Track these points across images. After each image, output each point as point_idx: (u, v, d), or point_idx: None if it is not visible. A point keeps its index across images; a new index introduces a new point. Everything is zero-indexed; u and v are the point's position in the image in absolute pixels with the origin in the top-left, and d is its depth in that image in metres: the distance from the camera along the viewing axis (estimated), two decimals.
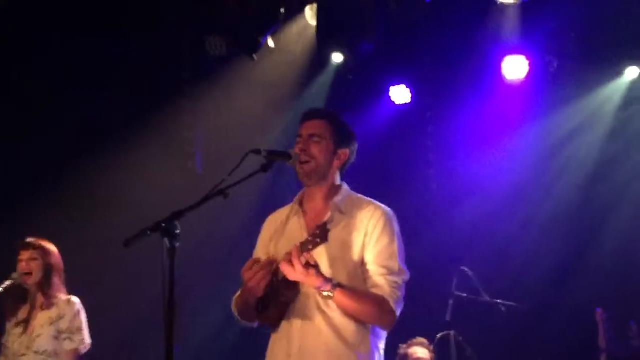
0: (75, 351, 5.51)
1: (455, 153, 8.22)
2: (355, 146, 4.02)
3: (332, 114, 4.01)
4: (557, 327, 7.53)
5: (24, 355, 5.45)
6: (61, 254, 5.75)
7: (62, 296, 5.62)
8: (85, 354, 5.59)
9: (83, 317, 5.60)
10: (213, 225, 7.50)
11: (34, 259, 5.59)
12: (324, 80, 8.19)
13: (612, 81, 7.89)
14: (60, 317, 5.52)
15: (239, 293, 3.93)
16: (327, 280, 3.59)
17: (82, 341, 5.53)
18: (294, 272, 3.53)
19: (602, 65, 7.70)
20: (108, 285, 7.44)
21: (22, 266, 5.57)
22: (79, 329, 5.55)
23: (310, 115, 3.96)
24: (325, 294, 3.60)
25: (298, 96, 7.99)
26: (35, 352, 5.44)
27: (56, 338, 5.49)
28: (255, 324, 3.92)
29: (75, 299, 5.63)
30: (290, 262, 3.52)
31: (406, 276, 3.78)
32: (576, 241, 7.86)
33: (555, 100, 7.93)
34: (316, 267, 3.56)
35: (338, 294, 3.60)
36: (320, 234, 3.50)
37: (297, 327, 3.71)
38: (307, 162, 3.82)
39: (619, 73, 7.84)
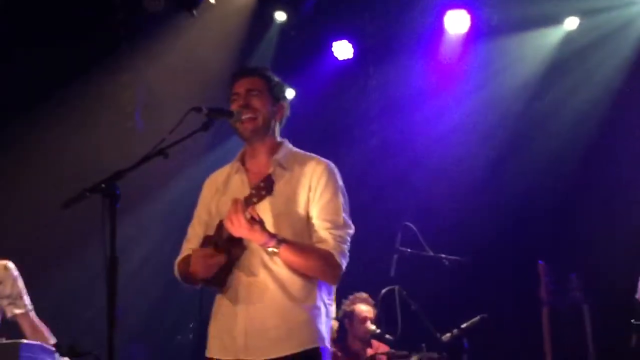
0: (27, 314, 5.37)
1: (398, 108, 8.22)
2: (289, 99, 4.01)
3: (263, 68, 3.98)
4: (500, 280, 7.63)
5: None
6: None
7: None
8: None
9: (21, 282, 5.49)
10: (154, 187, 7.45)
11: None
12: (268, 38, 8.13)
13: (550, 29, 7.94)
14: None
15: (181, 256, 3.90)
16: (272, 235, 3.57)
17: (25, 306, 5.39)
18: (238, 228, 3.50)
19: (542, 17, 7.75)
20: (47, 249, 7.36)
21: None
22: (20, 295, 5.43)
23: (241, 73, 3.93)
24: (270, 249, 3.59)
25: (241, 54, 7.90)
26: None
27: (9, 304, 5.39)
28: (199, 285, 3.88)
29: (11, 264, 5.50)
30: (235, 218, 3.49)
31: (351, 230, 3.78)
32: (518, 194, 7.94)
33: (495, 53, 7.97)
34: (261, 222, 3.53)
35: (283, 249, 3.59)
36: (265, 187, 3.47)
37: (243, 284, 3.70)
38: (252, 118, 3.77)
39: (557, 23, 7.89)
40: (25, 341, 4.68)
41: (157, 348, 8.17)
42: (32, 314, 5.43)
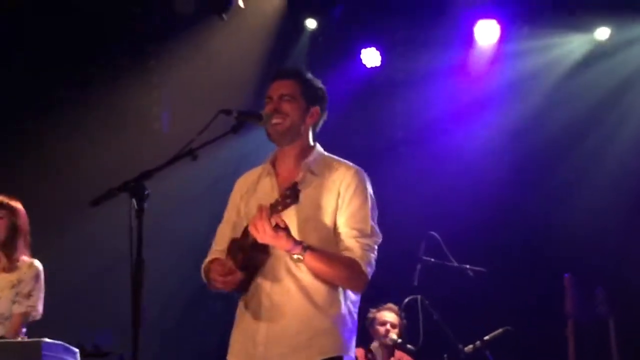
0: (22, 315, 5.38)
1: (425, 117, 8.19)
2: (326, 104, 3.97)
3: (301, 72, 3.94)
4: (525, 292, 7.58)
5: None
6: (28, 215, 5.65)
7: (25, 259, 5.52)
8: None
9: (40, 282, 5.47)
10: (184, 186, 7.46)
11: (0, 217, 5.49)
12: (299, 45, 8.14)
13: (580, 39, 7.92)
14: (20, 281, 5.41)
15: (209, 258, 3.88)
16: (297, 242, 3.53)
17: (30, 307, 5.39)
18: (263, 235, 3.47)
19: (572, 29, 7.72)
20: (74, 248, 7.39)
21: None
22: (30, 294, 5.41)
23: (279, 75, 3.90)
24: (295, 257, 3.54)
25: (270, 60, 7.91)
26: None
27: (13, 302, 5.40)
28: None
29: (37, 263, 5.52)
30: (260, 225, 3.46)
31: (379, 238, 3.73)
32: (544, 206, 7.89)
33: (525, 64, 7.93)
34: (286, 229, 3.49)
35: (308, 257, 3.54)
36: (290, 195, 3.43)
37: (266, 289, 3.66)
38: (279, 122, 3.75)
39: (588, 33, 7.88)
40: (47, 340, 4.69)
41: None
42: (24, 318, 5.40)
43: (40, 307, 5.45)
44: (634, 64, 7.86)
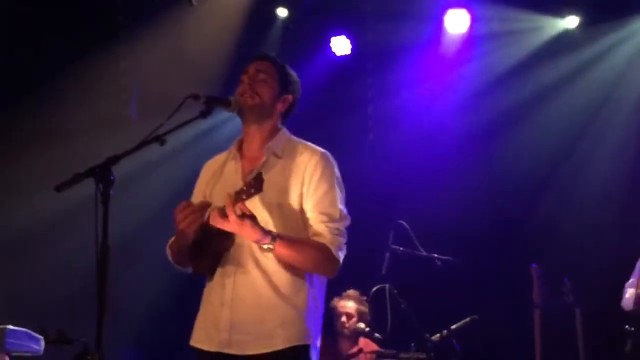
0: None
1: (395, 105, 8.20)
2: (298, 97, 3.95)
3: (280, 61, 3.95)
4: (492, 282, 7.62)
5: None
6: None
7: None
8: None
9: None
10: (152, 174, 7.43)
11: None
12: (270, 33, 8.11)
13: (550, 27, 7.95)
14: None
15: (173, 239, 3.84)
16: (266, 232, 3.49)
17: None
18: (228, 224, 3.43)
19: (543, 14, 7.75)
20: (39, 233, 7.34)
21: None
22: None
23: (258, 56, 3.92)
24: (265, 247, 3.51)
25: (240, 47, 7.88)
26: None
27: None
28: (190, 270, 3.83)
29: None
30: (223, 213, 3.43)
31: (347, 222, 3.71)
32: (513, 196, 7.93)
33: (495, 51, 7.95)
34: (252, 217, 3.45)
35: (279, 246, 3.51)
36: (255, 184, 3.39)
37: (231, 276, 3.64)
38: (252, 96, 3.74)
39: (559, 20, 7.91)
40: (11, 327, 4.64)
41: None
42: None
43: None
44: (601, 53, 7.90)
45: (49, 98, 7.67)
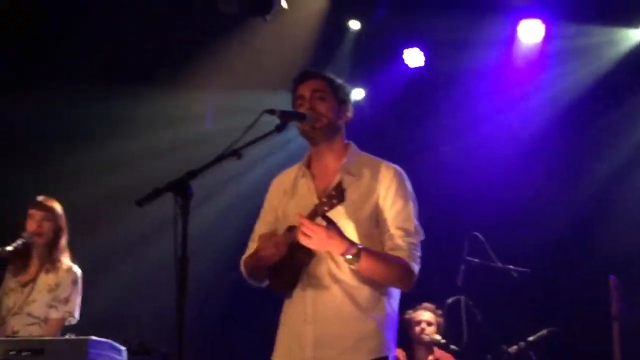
0: (59, 321, 5.47)
1: (469, 117, 8.15)
2: (352, 105, 3.97)
3: (327, 73, 3.95)
4: (570, 293, 7.51)
5: (16, 314, 5.44)
6: (70, 214, 5.75)
7: (65, 262, 5.60)
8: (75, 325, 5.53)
9: (78, 288, 5.56)
10: (226, 188, 7.52)
11: (46, 219, 5.58)
12: (342, 46, 8.15)
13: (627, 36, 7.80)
14: (57, 285, 5.50)
15: (247, 254, 3.90)
16: (352, 243, 3.54)
17: (67, 313, 5.48)
18: (313, 239, 3.47)
19: (619, 26, 7.62)
20: (120, 246, 7.48)
21: (33, 226, 5.54)
22: (68, 299, 5.50)
23: (306, 75, 3.90)
24: (349, 257, 3.54)
25: (314, 60, 7.92)
26: (28, 315, 5.43)
27: (50, 306, 5.48)
28: (265, 284, 3.88)
29: (76, 268, 5.61)
30: (310, 229, 3.46)
31: (422, 236, 3.75)
32: (590, 208, 7.81)
33: (570, 63, 7.86)
34: (337, 229, 3.50)
35: (364, 257, 3.54)
36: (336, 195, 3.44)
37: (311, 293, 3.68)
38: (317, 121, 3.76)
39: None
40: (94, 338, 4.74)
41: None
42: (60, 324, 5.46)
43: (76, 313, 5.53)
44: None
45: (127, 112, 7.83)
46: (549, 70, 7.91)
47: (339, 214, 3.59)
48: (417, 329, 6.66)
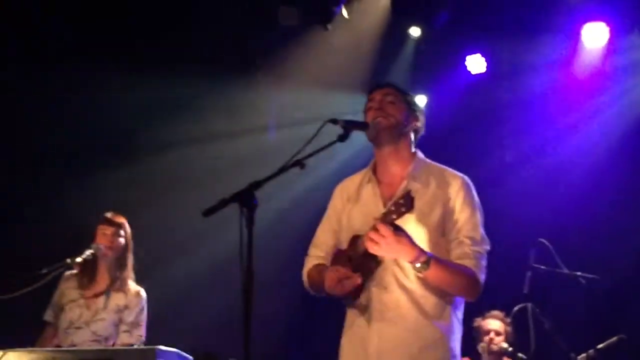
0: (134, 346, 5.54)
1: (533, 123, 8.07)
2: (424, 119, 3.98)
3: (401, 87, 3.99)
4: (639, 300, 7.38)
5: (79, 328, 5.51)
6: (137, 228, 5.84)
7: (133, 284, 5.69)
8: None
9: (145, 311, 5.67)
10: (289, 196, 7.54)
11: (118, 235, 5.66)
12: (404, 54, 8.13)
13: None
14: (126, 307, 5.58)
15: (310, 266, 3.93)
16: (422, 251, 3.54)
17: (139, 337, 5.58)
18: (382, 245, 3.48)
19: None
20: (186, 259, 7.55)
21: (106, 240, 5.61)
22: (139, 325, 5.61)
23: (378, 85, 3.96)
24: (418, 265, 3.54)
25: (376, 68, 7.92)
26: (93, 332, 5.50)
27: (116, 325, 5.56)
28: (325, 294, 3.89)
29: (143, 293, 5.70)
30: (376, 236, 3.46)
31: (488, 245, 3.75)
32: None
33: (634, 68, 7.72)
34: (408, 236, 3.50)
35: (433, 267, 3.54)
36: (405, 203, 3.43)
37: (375, 300, 3.69)
38: (384, 119, 3.78)
39: None
40: (162, 347, 4.78)
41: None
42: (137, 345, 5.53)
43: (144, 336, 5.63)
44: None
45: (191, 123, 7.92)
46: (616, 75, 7.77)
47: (406, 222, 3.59)
48: (486, 338, 6.60)
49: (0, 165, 7.15)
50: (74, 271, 5.66)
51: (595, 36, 7.55)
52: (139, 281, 5.75)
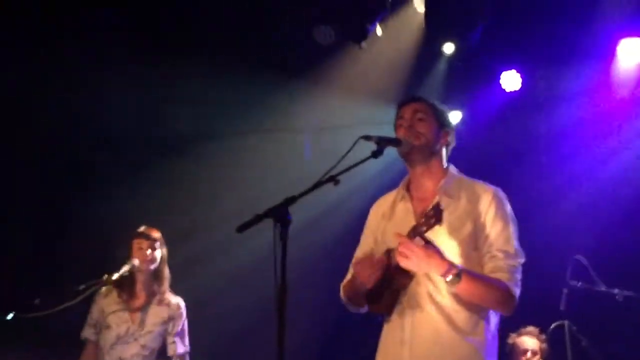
0: (185, 355, 5.74)
1: (568, 139, 8.02)
2: (454, 130, 3.99)
3: (429, 98, 3.98)
4: None
5: (127, 343, 5.57)
6: (171, 240, 5.90)
7: (172, 296, 5.79)
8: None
9: (186, 321, 5.79)
10: (324, 212, 7.56)
11: (154, 248, 5.71)
12: (437, 71, 8.13)
13: None
14: (171, 319, 5.69)
15: (347, 279, 3.93)
16: (453, 264, 3.52)
17: (187, 346, 5.76)
18: (412, 259, 3.48)
19: None
20: (219, 272, 7.57)
21: (142, 254, 5.67)
22: (185, 334, 5.77)
23: (408, 99, 3.95)
24: (449, 279, 3.52)
25: (410, 85, 7.93)
26: (142, 346, 5.58)
27: (162, 337, 5.65)
28: (364, 309, 3.90)
29: (183, 303, 5.82)
30: (406, 250, 3.47)
31: (522, 258, 3.72)
32: None
33: None
34: (438, 250, 3.50)
35: (465, 279, 3.52)
36: (434, 215, 3.44)
37: (409, 315, 3.69)
38: (415, 139, 3.78)
39: None
40: None
41: None
42: (187, 357, 5.74)
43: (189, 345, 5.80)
44: None
45: (225, 140, 7.97)
46: None
47: (437, 235, 3.60)
48: (522, 358, 6.54)
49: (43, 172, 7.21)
50: (110, 286, 5.71)
51: (631, 52, 7.48)
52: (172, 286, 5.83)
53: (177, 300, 5.77)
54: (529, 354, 6.52)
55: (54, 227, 7.23)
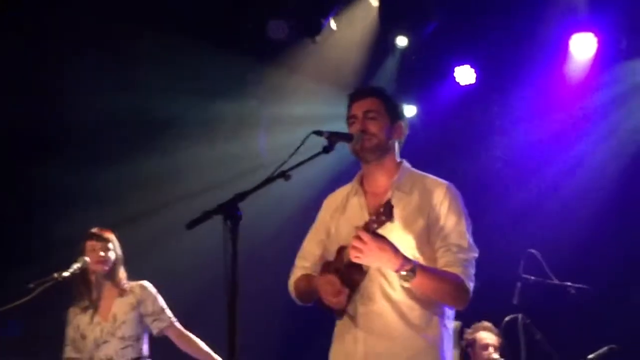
0: (172, 325, 5.67)
1: (522, 134, 8.07)
2: (407, 118, 3.97)
3: (380, 89, 3.95)
4: (630, 310, 7.36)
5: (106, 342, 5.52)
6: (125, 238, 5.83)
7: (132, 282, 5.71)
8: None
9: (160, 298, 5.73)
10: (273, 206, 7.53)
11: (107, 249, 5.64)
12: (390, 64, 8.12)
13: None
14: (139, 302, 5.63)
15: (297, 277, 3.91)
16: (407, 259, 3.50)
17: (170, 318, 5.68)
18: (365, 253, 3.45)
19: None
20: (169, 269, 7.52)
21: (97, 256, 5.59)
22: (162, 309, 5.69)
23: (359, 93, 3.90)
24: (404, 274, 3.49)
25: (363, 78, 7.91)
26: (121, 338, 5.53)
27: (140, 322, 5.61)
28: (311, 304, 3.88)
29: (147, 283, 5.76)
30: (359, 243, 3.44)
31: (476, 253, 3.71)
32: None
33: (624, 80, 7.72)
34: (391, 245, 3.46)
35: (419, 274, 3.50)
36: (384, 212, 3.42)
37: (362, 312, 3.67)
38: (368, 141, 3.75)
39: None
40: None
41: None
42: (177, 324, 5.71)
43: (173, 316, 5.74)
44: None
45: (177, 138, 7.94)
46: (603, 85, 7.77)
47: (391, 231, 3.57)
48: (485, 353, 6.54)
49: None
50: (76, 306, 5.68)
51: (583, 47, 7.54)
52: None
53: (139, 283, 5.72)
54: (490, 349, 6.53)
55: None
